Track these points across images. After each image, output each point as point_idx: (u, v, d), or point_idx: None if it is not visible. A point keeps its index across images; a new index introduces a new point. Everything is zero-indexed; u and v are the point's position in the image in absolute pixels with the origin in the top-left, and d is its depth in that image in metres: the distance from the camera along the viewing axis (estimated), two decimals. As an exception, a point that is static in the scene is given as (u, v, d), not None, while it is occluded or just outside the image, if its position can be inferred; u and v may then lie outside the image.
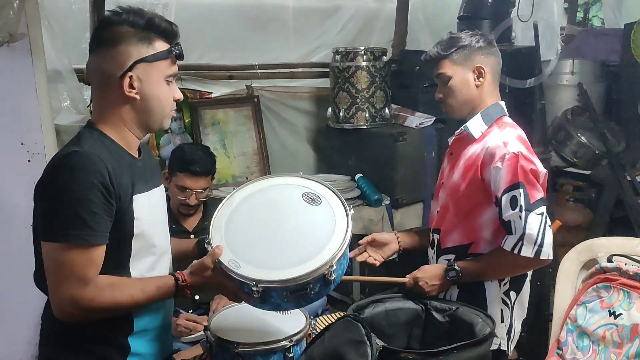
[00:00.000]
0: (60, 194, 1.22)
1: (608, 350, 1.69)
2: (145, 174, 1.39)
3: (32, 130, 2.25)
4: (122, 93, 1.29)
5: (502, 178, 1.58)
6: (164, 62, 1.32)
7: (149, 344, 1.40)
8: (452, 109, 1.74)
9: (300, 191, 1.52)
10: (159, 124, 1.37)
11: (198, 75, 3.14)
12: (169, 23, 1.33)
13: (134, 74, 1.28)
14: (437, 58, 1.72)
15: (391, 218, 2.86)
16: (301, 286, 1.35)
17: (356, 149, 3.03)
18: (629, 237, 1.90)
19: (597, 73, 3.35)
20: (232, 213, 1.47)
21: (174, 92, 1.37)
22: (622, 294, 1.71)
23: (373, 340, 1.36)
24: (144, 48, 1.29)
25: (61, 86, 2.56)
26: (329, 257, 1.37)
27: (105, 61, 1.31)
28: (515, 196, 1.56)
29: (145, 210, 1.34)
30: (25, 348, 2.30)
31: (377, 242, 1.82)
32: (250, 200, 1.51)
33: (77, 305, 1.22)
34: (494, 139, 1.65)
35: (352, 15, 3.57)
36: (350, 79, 2.95)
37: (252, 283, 1.31)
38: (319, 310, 2.18)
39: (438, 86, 1.76)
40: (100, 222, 1.23)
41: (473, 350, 1.41)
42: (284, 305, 1.40)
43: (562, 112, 3.27)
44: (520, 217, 1.55)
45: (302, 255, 1.38)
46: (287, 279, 1.33)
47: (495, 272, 1.67)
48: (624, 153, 3.14)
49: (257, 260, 1.37)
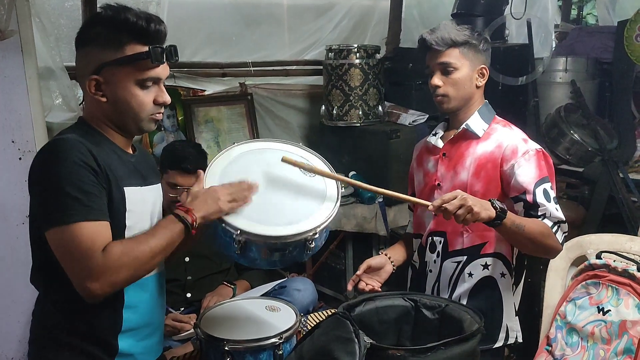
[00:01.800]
0: (50, 180, 1.22)
1: (597, 347, 1.70)
2: (139, 170, 1.39)
3: (23, 128, 2.25)
4: (90, 94, 1.29)
5: (531, 173, 1.62)
6: (135, 66, 1.27)
7: (138, 344, 1.39)
8: (449, 100, 1.69)
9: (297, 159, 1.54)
10: (135, 127, 1.34)
11: (191, 72, 3.13)
12: (147, 23, 1.26)
13: (100, 76, 1.27)
14: (449, 45, 1.65)
15: (384, 215, 2.86)
16: (282, 246, 1.38)
17: (350, 147, 3.03)
18: (618, 234, 1.91)
19: (590, 70, 3.36)
20: (229, 164, 1.49)
21: (157, 96, 1.32)
22: (610, 291, 1.72)
23: (361, 338, 1.36)
24: (111, 51, 1.25)
25: (53, 84, 2.55)
26: (315, 225, 1.40)
27: (78, 61, 1.31)
28: (546, 189, 1.62)
29: (139, 205, 1.34)
30: (17, 346, 2.30)
31: (372, 268, 1.78)
32: (247, 157, 1.53)
33: (98, 277, 1.19)
34: (510, 136, 1.68)
35: (346, 12, 3.56)
36: (344, 77, 2.95)
37: (236, 232, 1.33)
38: (310, 307, 2.18)
39: (435, 73, 1.69)
40: (96, 200, 1.22)
41: (461, 346, 1.41)
42: (259, 261, 1.42)
43: (555, 109, 3.28)
44: (557, 209, 1.62)
45: (289, 217, 1.41)
46: (270, 235, 1.35)
47: (532, 236, 1.56)
48: (616, 150, 3.15)
49: (245, 212, 1.38)
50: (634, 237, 1.89)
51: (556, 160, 3.27)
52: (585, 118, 3.22)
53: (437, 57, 1.68)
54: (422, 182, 1.85)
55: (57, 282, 1.28)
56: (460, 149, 1.73)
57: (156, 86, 1.32)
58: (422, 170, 1.85)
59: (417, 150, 1.93)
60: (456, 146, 1.74)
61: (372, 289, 1.74)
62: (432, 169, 1.80)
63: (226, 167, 1.48)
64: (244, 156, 1.53)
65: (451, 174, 1.73)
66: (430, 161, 1.82)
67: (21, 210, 2.20)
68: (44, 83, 2.44)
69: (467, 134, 1.72)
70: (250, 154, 1.55)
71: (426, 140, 1.86)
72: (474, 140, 1.71)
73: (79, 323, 1.31)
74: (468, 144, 1.72)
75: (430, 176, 1.80)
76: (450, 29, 1.66)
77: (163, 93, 1.33)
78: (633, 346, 1.64)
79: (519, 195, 1.64)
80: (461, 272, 1.73)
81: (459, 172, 1.71)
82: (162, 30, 1.30)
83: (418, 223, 1.87)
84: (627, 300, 1.68)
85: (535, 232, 1.57)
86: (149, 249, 1.25)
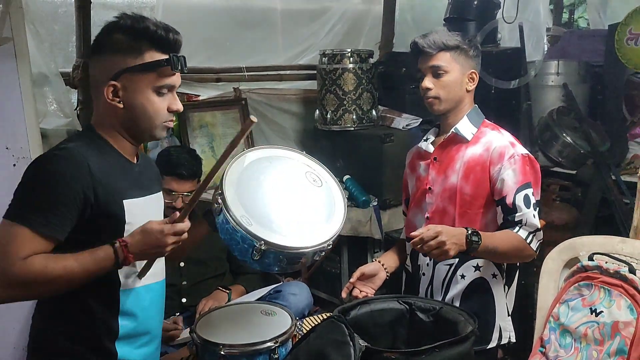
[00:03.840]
0: (31, 179, 1.24)
1: (590, 348, 1.71)
2: (141, 180, 1.40)
3: (18, 134, 2.24)
4: (107, 100, 1.30)
5: (514, 177, 1.65)
6: (153, 73, 1.29)
7: (136, 351, 1.40)
8: (439, 102, 1.72)
9: (303, 169, 1.59)
10: (148, 134, 1.36)
11: (185, 78, 3.11)
12: (166, 33, 1.30)
13: (118, 83, 1.29)
14: (440, 48, 1.68)
15: (379, 219, 2.87)
16: (297, 255, 1.43)
17: (344, 151, 3.05)
18: (610, 236, 1.92)
19: (581, 74, 3.38)
20: (243, 171, 1.51)
21: (171, 103, 1.34)
22: (603, 292, 1.73)
23: (356, 341, 1.37)
24: (131, 58, 1.28)
25: (47, 90, 2.55)
26: (330, 235, 1.47)
27: (95, 67, 1.33)
28: (528, 195, 1.65)
29: (138, 217, 1.34)
30: (12, 353, 2.29)
31: (365, 275, 1.79)
32: (259, 164, 1.56)
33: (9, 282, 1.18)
34: (499, 139, 1.71)
35: (340, 17, 3.58)
36: (337, 81, 2.96)
37: (260, 242, 1.36)
38: (305, 311, 2.19)
39: (426, 76, 1.72)
40: (57, 219, 1.22)
41: (455, 348, 1.43)
42: (273, 267, 1.47)
43: (548, 112, 3.30)
44: (534, 216, 1.65)
45: (304, 228, 1.46)
46: (290, 246, 1.40)
47: (506, 254, 1.64)
48: (608, 152, 3.17)
49: (265, 222, 1.42)
50: (626, 239, 1.90)
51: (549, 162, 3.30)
52: (577, 121, 3.24)
53: (428, 60, 1.71)
54: (414, 186, 1.88)
55: None
56: (450, 153, 1.76)
57: (170, 94, 1.35)
58: (415, 175, 1.88)
59: (409, 156, 1.96)
60: (446, 150, 1.77)
61: (365, 295, 1.76)
62: (424, 174, 1.83)
63: (241, 176, 1.50)
64: (256, 164, 1.55)
65: (442, 178, 1.76)
66: (421, 166, 1.85)
67: (16, 216, 2.19)
68: (38, 89, 2.44)
69: (456, 138, 1.75)
70: (261, 162, 1.56)
71: (418, 146, 1.89)
72: (463, 144, 1.74)
73: (75, 329, 1.32)
74: (458, 148, 1.75)
75: (422, 180, 1.83)
76: (442, 34, 1.70)
77: (176, 101, 1.36)
78: (625, 347, 1.65)
79: (500, 199, 1.68)
80: (454, 274, 1.75)
81: (449, 176, 1.74)
82: (179, 39, 1.34)
83: (410, 227, 1.89)
84: (619, 301, 1.69)
85: (509, 249, 1.64)
86: (65, 272, 1.21)
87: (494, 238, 1.62)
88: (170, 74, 1.31)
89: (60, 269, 1.21)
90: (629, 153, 3.17)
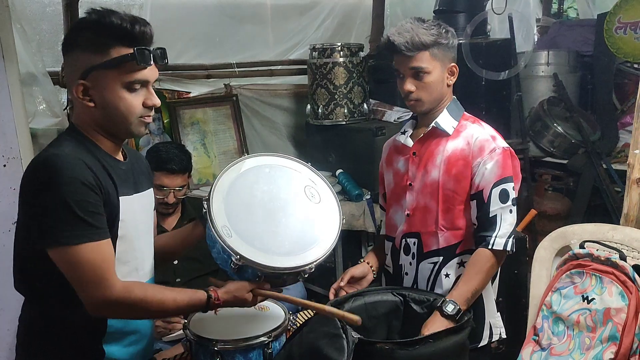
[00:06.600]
0: (54, 199, 1.19)
1: (582, 335, 1.73)
2: (130, 178, 1.38)
3: (7, 134, 2.22)
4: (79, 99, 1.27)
5: (493, 171, 1.60)
6: (120, 69, 1.25)
7: (125, 350, 1.38)
8: (422, 104, 1.66)
9: (303, 183, 1.54)
10: (125, 131, 1.32)
11: (176, 75, 3.12)
12: (131, 26, 1.25)
13: (87, 81, 1.25)
14: (419, 48, 1.60)
15: (372, 212, 2.87)
16: (277, 275, 1.40)
17: (336, 145, 3.05)
18: (600, 224, 1.94)
19: (571, 63, 3.40)
20: (237, 178, 1.47)
21: (146, 98, 1.30)
22: (594, 279, 1.74)
23: (349, 333, 1.37)
24: (98, 55, 1.24)
25: (36, 89, 2.53)
26: (313, 258, 1.42)
27: (67, 66, 1.31)
28: (506, 189, 1.60)
29: (130, 214, 1.33)
30: (7, 354, 2.28)
31: (354, 278, 1.76)
32: (258, 172, 1.51)
33: (108, 305, 1.24)
34: (480, 133, 1.65)
35: (330, 11, 3.57)
36: (328, 75, 2.96)
37: (236, 257, 1.34)
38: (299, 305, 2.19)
39: (406, 78, 1.65)
40: (100, 219, 1.23)
41: (449, 338, 1.44)
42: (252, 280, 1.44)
43: (539, 102, 3.32)
44: (511, 211, 1.60)
45: (289, 247, 1.42)
46: (269, 265, 1.37)
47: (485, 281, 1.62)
48: (599, 142, 3.19)
49: (247, 235, 1.39)
50: (616, 226, 1.91)
51: (541, 153, 3.32)
52: (568, 111, 3.26)
53: (407, 62, 1.63)
54: (392, 182, 1.81)
55: (41, 289, 1.29)
56: (430, 147, 1.69)
57: (145, 89, 1.30)
58: (392, 169, 1.81)
59: (386, 149, 1.88)
60: (426, 144, 1.71)
61: None
62: (403, 169, 1.76)
63: (233, 184, 1.46)
64: (251, 172, 1.50)
65: (422, 173, 1.70)
66: (400, 161, 1.78)
67: (7, 217, 2.18)
68: (26, 89, 2.42)
69: (437, 132, 1.68)
70: (258, 170, 1.52)
71: (395, 139, 1.81)
72: (443, 138, 1.68)
73: (63, 328, 1.31)
74: (438, 142, 1.69)
75: (401, 176, 1.76)
76: (418, 30, 1.60)
77: (152, 95, 1.31)
78: (617, 333, 1.66)
79: (475, 192, 1.63)
80: (438, 273, 1.70)
81: (430, 171, 1.68)
82: (148, 32, 1.28)
83: (390, 225, 1.82)
84: (611, 288, 1.71)
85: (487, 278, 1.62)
86: (160, 306, 1.31)
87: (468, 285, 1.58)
88: (139, 68, 1.26)
89: (157, 302, 1.30)
90: (619, 142, 3.19)
